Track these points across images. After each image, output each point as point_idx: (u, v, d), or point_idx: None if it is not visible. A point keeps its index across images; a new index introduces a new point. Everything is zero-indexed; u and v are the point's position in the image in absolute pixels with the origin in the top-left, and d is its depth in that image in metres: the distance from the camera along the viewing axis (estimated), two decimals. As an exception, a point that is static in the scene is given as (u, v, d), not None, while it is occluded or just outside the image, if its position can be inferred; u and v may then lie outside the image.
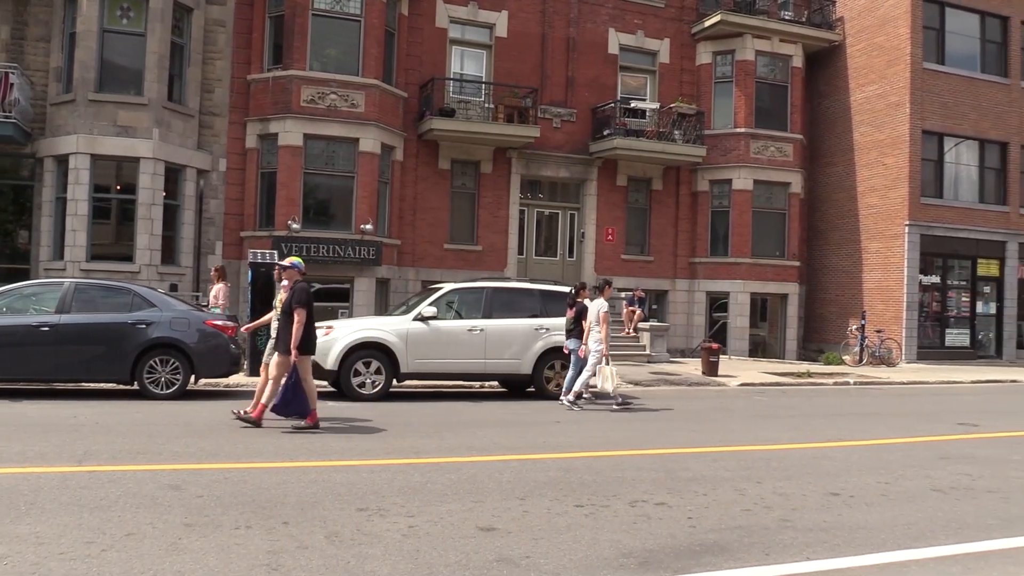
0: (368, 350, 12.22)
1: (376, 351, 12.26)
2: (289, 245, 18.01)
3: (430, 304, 12.76)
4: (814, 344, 25.67)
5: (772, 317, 24.45)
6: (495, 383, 14.35)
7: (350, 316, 18.21)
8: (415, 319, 12.58)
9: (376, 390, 12.16)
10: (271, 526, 5.24)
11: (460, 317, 13.07)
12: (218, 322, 12.08)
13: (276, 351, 9.35)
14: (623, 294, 21.22)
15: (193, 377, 11.81)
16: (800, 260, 24.86)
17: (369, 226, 18.83)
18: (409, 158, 20.77)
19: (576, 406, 12.00)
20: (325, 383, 12.68)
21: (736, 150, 23.45)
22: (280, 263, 10.26)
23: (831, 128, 25.96)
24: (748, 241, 23.39)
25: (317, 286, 18.87)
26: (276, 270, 10.55)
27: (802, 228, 25.37)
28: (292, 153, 18.70)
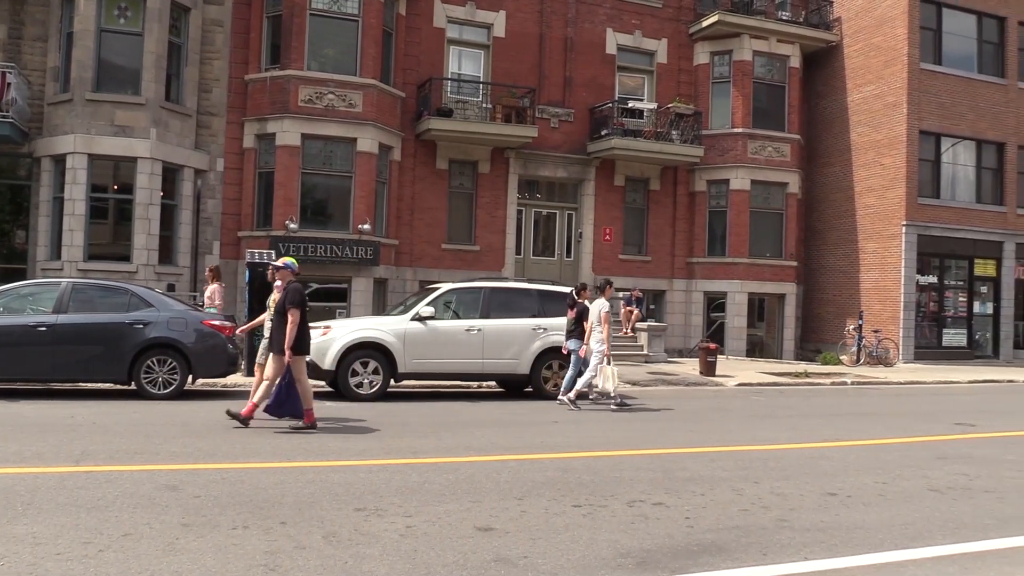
0: (366, 350, 12.21)
1: (374, 351, 12.25)
2: (287, 245, 18.01)
3: (428, 304, 12.75)
4: (811, 344, 25.70)
5: (769, 317, 24.48)
6: (493, 383, 14.36)
7: (348, 316, 18.20)
8: (413, 319, 12.57)
9: (374, 390, 12.15)
10: (268, 526, 5.24)
11: (458, 317, 13.08)
12: (215, 322, 12.07)
13: (270, 351, 9.35)
14: (621, 294, 21.22)
15: (191, 377, 11.80)
16: (797, 260, 24.88)
17: (367, 226, 18.82)
18: (407, 158, 20.77)
19: (575, 405, 12.00)
20: (323, 383, 12.68)
21: (734, 150, 23.47)
22: (273, 263, 10.24)
23: (828, 128, 26.00)
24: (745, 241, 23.41)
25: (315, 286, 18.91)
26: (270, 270, 10.53)
27: (799, 228, 25.40)
28: (290, 153, 18.69)
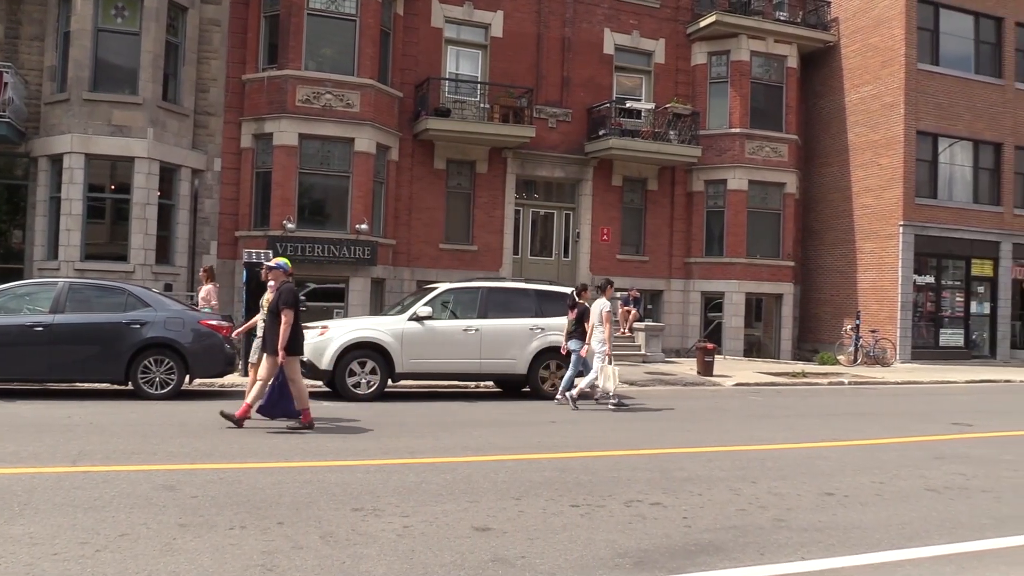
0: (363, 350, 12.20)
1: (371, 351, 12.24)
2: (284, 245, 18.01)
3: (425, 304, 12.74)
4: (809, 344, 25.72)
5: (767, 317, 24.49)
6: (490, 383, 14.35)
7: (345, 316, 18.18)
8: (410, 319, 12.56)
9: (371, 390, 12.14)
10: (266, 526, 5.23)
11: (455, 317, 13.07)
12: (213, 322, 12.06)
13: (263, 352, 9.34)
14: (618, 294, 21.23)
15: (188, 377, 11.79)
16: (795, 260, 24.90)
17: (364, 226, 18.81)
18: (404, 158, 20.76)
19: (575, 405, 11.99)
20: (320, 383, 12.68)
21: (731, 150, 23.48)
22: (266, 263, 10.22)
23: (826, 128, 26.02)
24: (743, 241, 23.43)
25: (312, 286, 18.91)
26: (263, 270, 10.51)
27: (797, 228, 25.42)
28: (287, 153, 18.67)
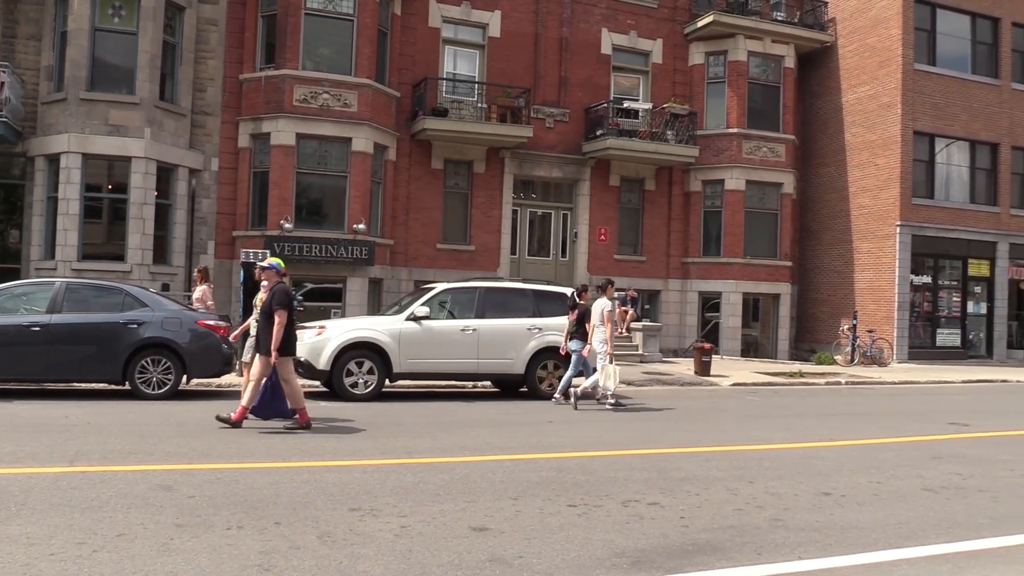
0: (361, 350, 12.19)
1: (369, 351, 12.23)
2: (282, 245, 18.00)
3: (423, 304, 12.74)
4: (806, 344, 25.75)
5: (764, 317, 24.51)
6: (488, 383, 14.35)
7: (343, 316, 18.18)
8: (408, 319, 12.56)
9: (369, 390, 12.13)
10: (263, 526, 5.23)
11: (453, 317, 13.07)
12: (210, 322, 12.05)
13: (256, 352, 9.30)
14: (617, 294, 21.20)
15: (185, 377, 11.77)
16: (792, 260, 24.92)
17: (362, 226, 18.80)
18: (402, 158, 20.75)
19: (573, 403, 12.02)
20: (317, 383, 12.68)
21: (728, 150, 23.50)
22: (259, 264, 10.20)
23: (823, 129, 26.05)
24: (740, 241, 23.44)
25: (310, 286, 18.88)
26: (256, 270, 10.49)
27: (794, 228, 25.44)
28: (285, 153, 18.66)
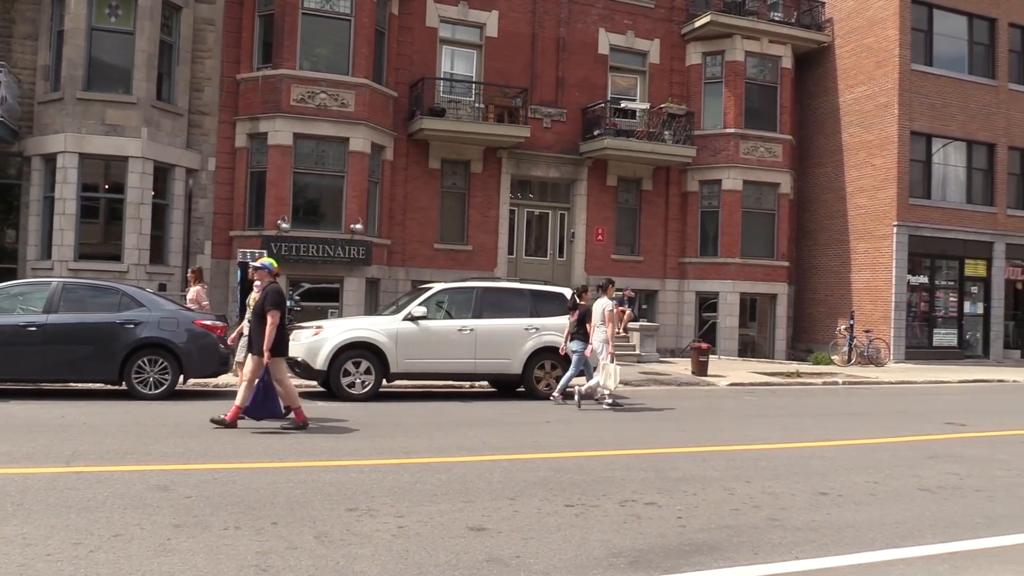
0: (358, 350, 12.18)
1: (366, 351, 12.22)
2: (279, 245, 17.99)
3: (420, 304, 12.74)
4: (803, 344, 25.77)
5: (761, 317, 24.53)
6: (485, 383, 14.35)
7: (340, 316, 18.17)
8: (405, 319, 12.55)
9: (366, 390, 12.12)
10: (260, 526, 5.22)
11: (450, 317, 13.06)
12: (207, 322, 12.03)
13: (249, 352, 9.28)
14: (616, 294, 21.23)
15: (182, 377, 11.75)
16: (789, 260, 24.94)
17: (359, 226, 18.79)
18: (399, 158, 20.74)
19: (577, 402, 12.05)
20: (315, 383, 12.68)
21: (726, 150, 23.51)
22: (251, 264, 10.17)
23: (820, 129, 26.07)
24: (737, 241, 23.46)
25: (307, 286, 18.89)
26: (250, 270, 10.45)
27: (791, 228, 25.47)
28: (282, 152, 18.65)
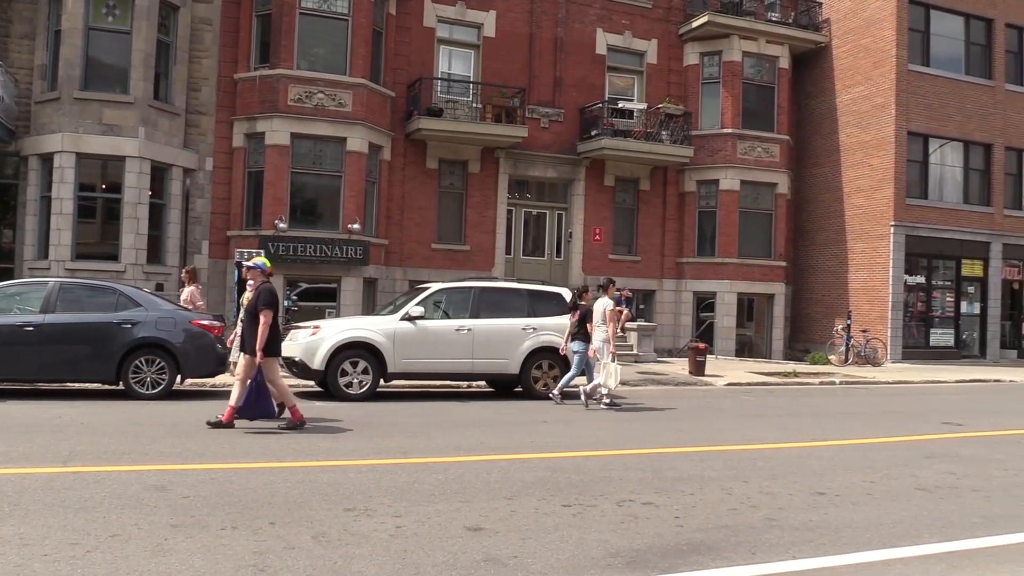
0: (355, 350, 12.17)
1: (363, 351, 12.21)
2: (276, 245, 17.98)
3: (417, 304, 12.73)
4: (800, 344, 25.79)
5: (759, 317, 24.56)
6: (482, 383, 14.35)
7: (337, 316, 18.15)
8: (402, 319, 12.54)
9: (363, 390, 12.12)
10: (258, 526, 5.22)
11: (448, 317, 13.05)
12: (204, 322, 12.00)
13: (241, 352, 9.26)
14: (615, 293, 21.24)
15: (179, 377, 11.74)
16: (786, 260, 24.97)
17: (356, 226, 18.78)
18: (397, 158, 20.73)
19: (584, 402, 12.13)
20: (312, 383, 12.67)
21: (723, 151, 23.53)
22: (244, 263, 10.14)
23: (817, 129, 26.10)
24: (735, 241, 23.48)
25: (304, 286, 18.89)
26: (243, 270, 10.41)
27: (788, 228, 25.49)
28: (279, 152, 18.63)
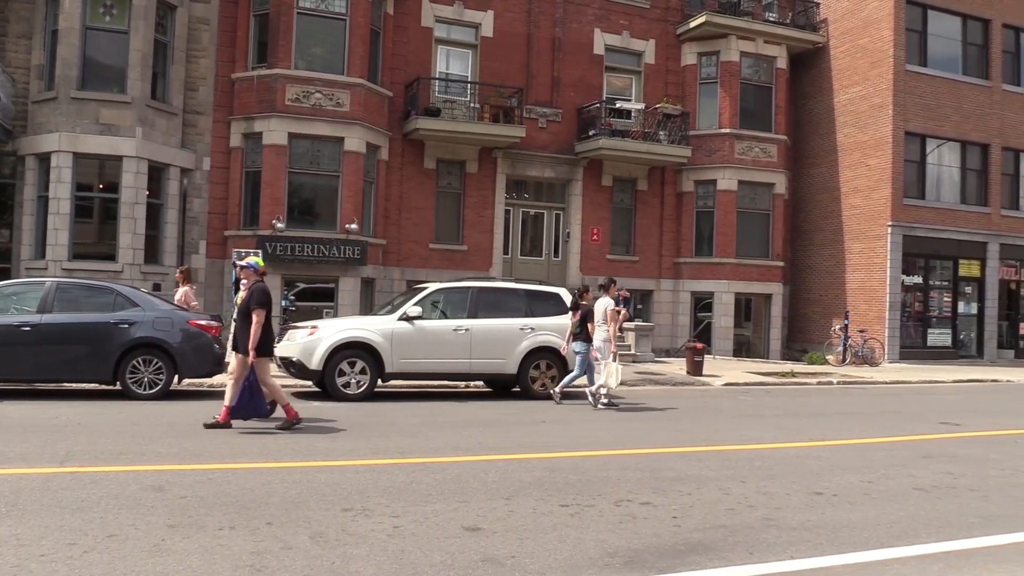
0: (353, 350, 12.16)
1: (361, 351, 12.20)
2: (274, 244, 17.97)
3: (415, 304, 12.72)
4: (798, 344, 25.82)
5: (756, 317, 24.57)
6: (480, 383, 14.35)
7: (335, 316, 18.15)
8: (400, 319, 12.54)
9: (361, 390, 12.11)
10: (255, 527, 5.22)
11: (445, 317, 13.05)
12: (202, 322, 12.00)
13: (234, 351, 9.24)
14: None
15: (176, 377, 11.73)
16: (784, 260, 24.99)
17: (354, 226, 18.77)
18: (394, 157, 20.72)
19: (592, 403, 12.20)
20: (310, 383, 12.66)
21: (721, 151, 23.55)
22: (237, 263, 10.11)
23: (815, 129, 26.13)
24: (732, 241, 23.50)
25: (302, 286, 18.87)
26: (237, 269, 10.38)
27: (786, 228, 25.51)
28: (277, 152, 18.62)
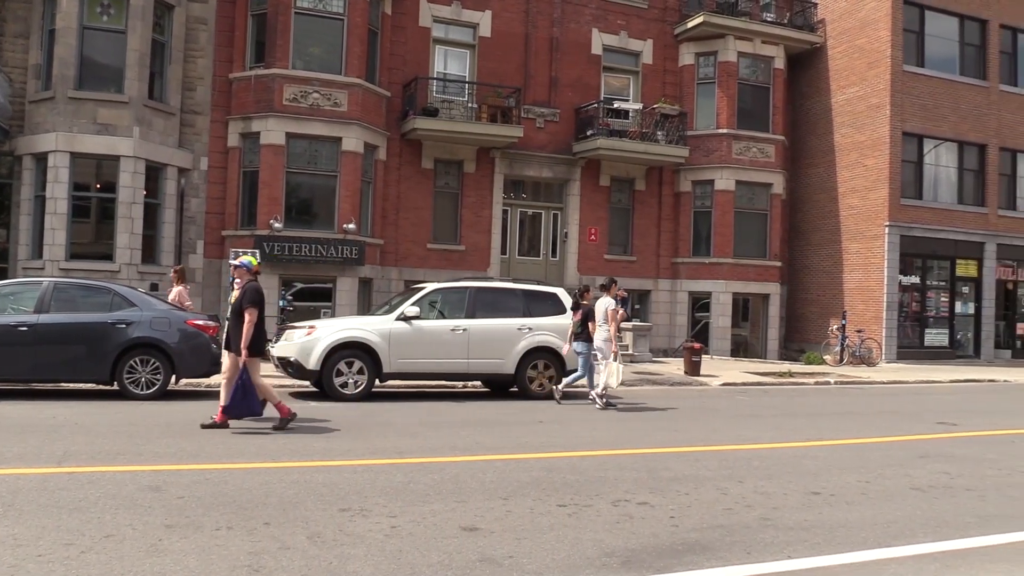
0: (351, 350, 12.15)
1: (359, 351, 12.19)
2: (271, 244, 17.96)
3: (413, 304, 12.72)
4: (795, 344, 25.84)
5: (754, 317, 24.59)
6: (478, 383, 14.35)
7: (333, 316, 18.14)
8: (398, 319, 12.54)
9: (359, 390, 12.10)
10: (252, 527, 5.22)
11: (443, 317, 13.05)
12: (199, 322, 11.99)
13: (227, 350, 9.25)
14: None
15: (174, 377, 11.72)
16: (782, 260, 25.01)
17: (352, 225, 18.76)
18: (392, 157, 20.72)
19: (598, 404, 12.20)
20: (307, 383, 12.66)
21: (718, 151, 23.56)
22: (231, 262, 10.12)
23: (812, 129, 26.15)
24: (730, 241, 23.51)
25: (300, 286, 18.86)
26: (231, 269, 10.39)
27: (784, 229, 25.53)
28: (274, 152, 18.60)
